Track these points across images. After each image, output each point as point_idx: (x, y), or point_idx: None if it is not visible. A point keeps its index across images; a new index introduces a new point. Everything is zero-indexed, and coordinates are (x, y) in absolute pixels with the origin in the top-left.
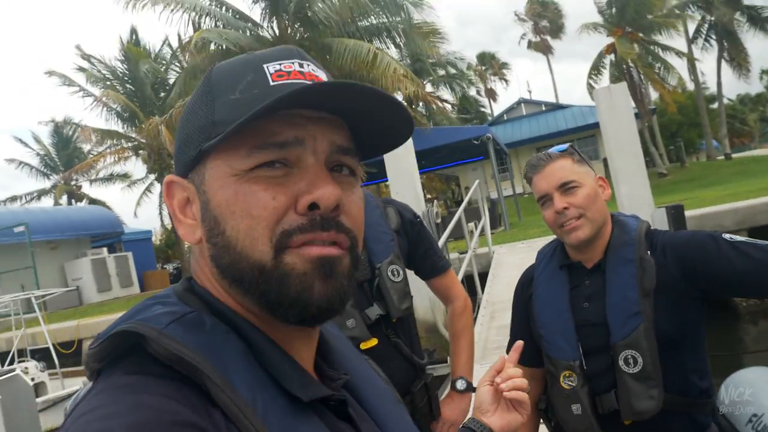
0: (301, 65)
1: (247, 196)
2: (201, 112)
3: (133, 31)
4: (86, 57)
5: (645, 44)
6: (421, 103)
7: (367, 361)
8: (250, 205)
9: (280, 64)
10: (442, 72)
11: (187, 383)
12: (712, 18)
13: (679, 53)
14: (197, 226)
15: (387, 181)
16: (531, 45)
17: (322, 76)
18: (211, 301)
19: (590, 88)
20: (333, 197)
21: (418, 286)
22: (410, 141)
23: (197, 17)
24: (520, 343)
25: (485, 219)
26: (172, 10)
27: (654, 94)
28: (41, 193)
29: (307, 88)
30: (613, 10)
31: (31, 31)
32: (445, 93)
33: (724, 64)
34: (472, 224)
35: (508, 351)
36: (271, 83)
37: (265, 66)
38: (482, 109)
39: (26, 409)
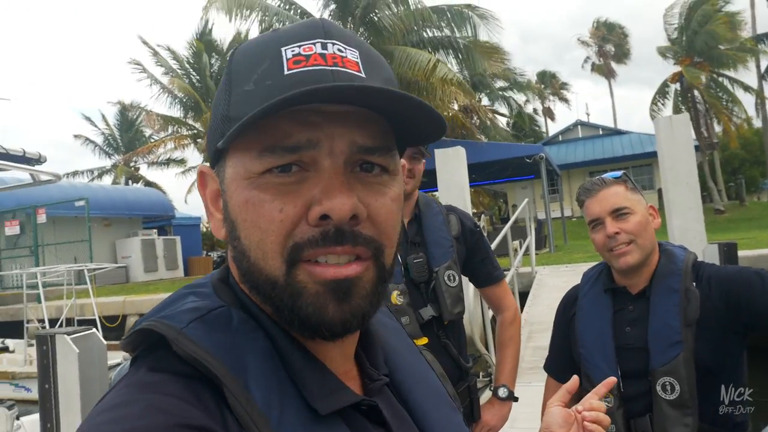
0: (324, 46)
1: (255, 205)
2: (221, 102)
3: (207, 24)
4: (153, 50)
5: (713, 76)
6: (475, 117)
7: (423, 353)
8: (258, 217)
9: (300, 46)
10: (499, 84)
11: (206, 383)
12: None
13: (748, 88)
14: (223, 223)
15: (436, 191)
16: (594, 67)
17: (352, 57)
18: (240, 295)
19: (653, 115)
20: (346, 208)
21: None
22: (463, 154)
23: (265, 18)
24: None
25: (531, 238)
26: (241, 15)
27: (718, 128)
28: (102, 172)
29: (308, 92)
30: (684, 38)
31: (113, 15)
32: (502, 108)
33: None
34: (516, 242)
35: (545, 368)
36: (286, 72)
37: (283, 50)
38: (537, 128)
39: (98, 364)
